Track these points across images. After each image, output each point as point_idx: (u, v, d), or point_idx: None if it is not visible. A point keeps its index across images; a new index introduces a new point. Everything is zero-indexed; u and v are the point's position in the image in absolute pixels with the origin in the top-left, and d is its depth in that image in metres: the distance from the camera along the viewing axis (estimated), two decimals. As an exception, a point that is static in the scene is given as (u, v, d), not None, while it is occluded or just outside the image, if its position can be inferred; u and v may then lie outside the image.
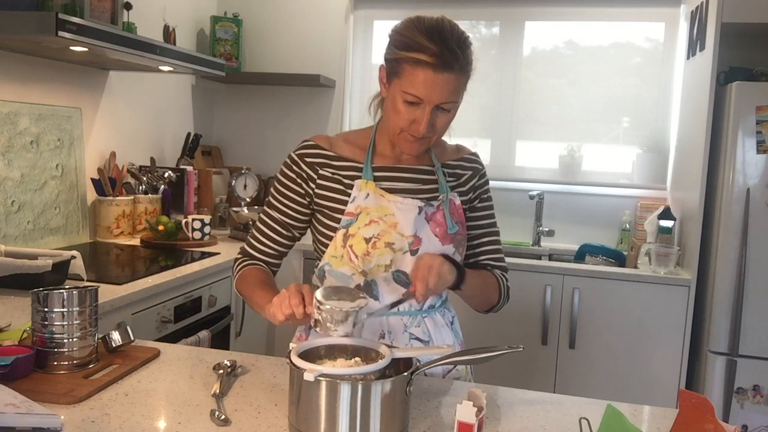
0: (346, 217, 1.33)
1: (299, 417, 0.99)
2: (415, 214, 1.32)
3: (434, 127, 1.28)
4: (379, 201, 1.33)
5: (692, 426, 0.90)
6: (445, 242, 1.34)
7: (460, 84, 1.26)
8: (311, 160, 1.37)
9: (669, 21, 3.21)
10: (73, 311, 1.20)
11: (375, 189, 1.34)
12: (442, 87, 1.23)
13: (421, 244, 1.32)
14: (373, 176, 1.36)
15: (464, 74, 1.27)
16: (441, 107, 1.26)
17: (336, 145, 1.40)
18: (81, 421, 1.03)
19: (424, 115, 1.25)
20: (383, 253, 1.31)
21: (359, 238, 1.31)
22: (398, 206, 1.33)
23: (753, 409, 2.59)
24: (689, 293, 2.68)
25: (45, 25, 1.87)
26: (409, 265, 1.30)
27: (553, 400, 1.22)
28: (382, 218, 1.31)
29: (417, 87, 1.23)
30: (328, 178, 1.36)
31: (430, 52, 1.22)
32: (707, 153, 2.64)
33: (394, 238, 1.31)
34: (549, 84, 3.41)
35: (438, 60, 1.22)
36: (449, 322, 1.45)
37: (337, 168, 1.37)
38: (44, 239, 2.43)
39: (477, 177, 1.46)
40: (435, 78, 1.22)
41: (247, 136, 3.68)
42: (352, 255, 1.32)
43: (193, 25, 3.44)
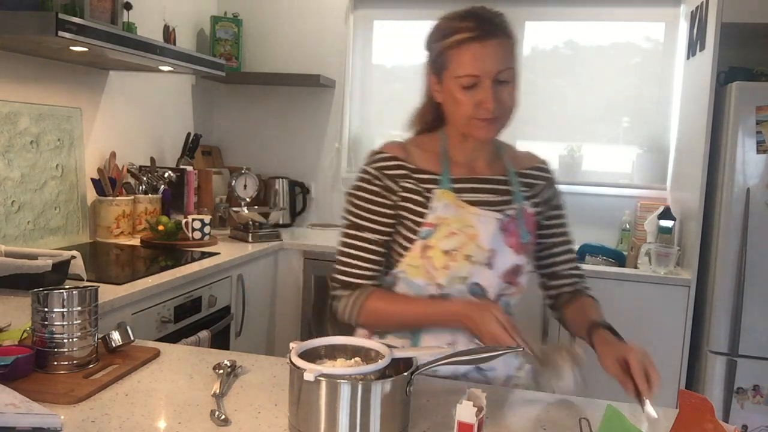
0: (426, 228, 1.30)
1: (299, 417, 0.99)
2: (494, 226, 1.30)
3: (501, 102, 1.24)
4: (458, 212, 1.30)
5: (692, 426, 0.90)
6: (519, 252, 1.33)
7: (508, 49, 1.24)
8: (391, 172, 1.33)
9: (669, 21, 3.21)
10: (73, 311, 1.20)
11: (454, 199, 1.31)
12: (492, 55, 1.22)
13: (496, 256, 1.30)
14: (453, 187, 1.32)
15: (509, 38, 1.25)
16: (499, 80, 1.23)
17: (410, 153, 1.35)
18: (81, 421, 1.03)
19: (487, 91, 1.22)
20: (462, 265, 1.29)
21: (438, 250, 1.28)
22: (479, 218, 1.30)
23: (753, 409, 2.59)
24: (689, 293, 2.68)
25: (45, 25, 1.87)
26: (486, 278, 1.30)
27: (553, 400, 1.22)
28: (461, 230, 1.29)
29: (468, 65, 1.22)
30: (410, 190, 1.32)
31: (467, 28, 1.22)
32: (707, 153, 2.64)
33: (472, 250, 1.29)
34: (549, 84, 3.41)
35: (478, 31, 1.21)
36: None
37: (418, 180, 1.33)
38: (44, 239, 2.43)
39: (551, 188, 1.44)
40: (482, 48, 1.21)
41: (247, 136, 3.68)
42: (430, 267, 1.29)
43: (193, 25, 3.44)
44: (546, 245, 1.44)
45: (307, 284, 2.99)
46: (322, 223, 3.58)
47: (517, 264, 1.34)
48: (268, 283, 2.95)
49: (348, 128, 3.59)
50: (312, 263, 2.98)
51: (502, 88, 1.24)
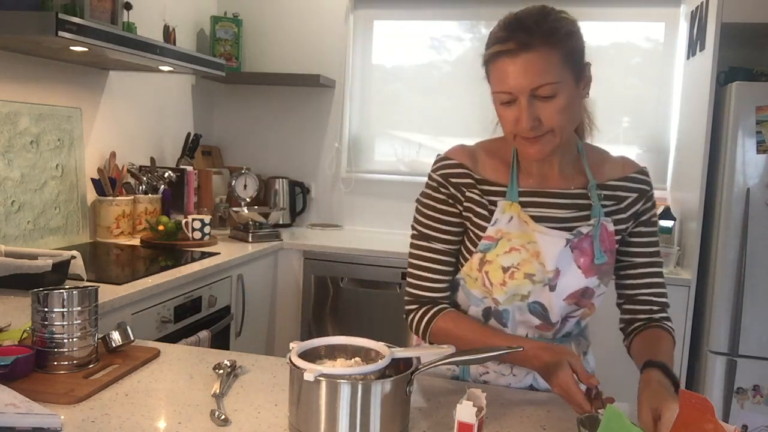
0: (486, 242, 1.23)
1: (299, 417, 0.99)
2: (561, 247, 1.20)
3: (540, 120, 1.12)
4: (522, 227, 1.21)
5: (692, 426, 0.90)
6: (589, 274, 1.21)
7: (551, 63, 1.10)
8: (457, 180, 1.25)
9: (669, 21, 3.21)
10: (73, 311, 1.20)
11: (520, 213, 1.22)
12: (524, 71, 1.10)
13: (560, 276, 1.21)
14: (521, 201, 1.23)
15: (552, 48, 1.10)
16: (538, 95, 1.11)
17: (479, 161, 1.27)
18: (81, 421, 1.03)
19: (522, 109, 1.12)
20: (521, 283, 1.21)
21: (497, 265, 1.21)
22: (543, 237, 1.20)
23: (753, 409, 2.59)
24: (689, 293, 2.68)
25: (45, 25, 1.87)
26: (548, 299, 1.21)
27: (553, 400, 1.22)
28: (524, 246, 1.20)
29: (502, 82, 1.13)
30: (475, 202, 1.25)
31: (503, 39, 1.12)
32: (707, 153, 2.64)
33: (535, 268, 1.20)
34: (549, 84, 3.41)
35: (512, 44, 1.10)
36: (583, 352, 1.34)
37: (483, 192, 1.25)
38: (44, 239, 2.43)
39: (643, 200, 1.28)
40: (514, 64, 1.10)
41: (247, 136, 3.68)
42: (486, 281, 1.23)
43: (193, 25, 3.44)
44: (625, 264, 1.30)
45: (307, 284, 2.99)
46: (322, 223, 3.58)
47: (586, 287, 1.23)
48: (268, 283, 2.95)
49: (348, 128, 3.59)
50: (312, 263, 2.98)
51: (542, 103, 1.12)
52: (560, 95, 1.12)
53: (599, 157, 1.31)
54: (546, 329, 1.26)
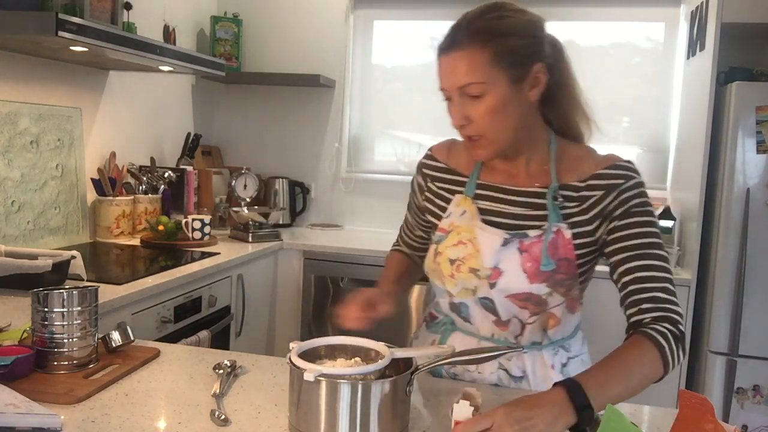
0: (439, 233, 1.27)
1: (299, 417, 0.99)
2: (497, 245, 1.19)
3: (469, 119, 1.12)
4: (470, 221, 1.23)
5: (692, 426, 0.90)
6: (535, 280, 1.16)
7: (474, 64, 1.09)
8: (426, 171, 1.35)
9: (669, 21, 3.21)
10: (73, 311, 1.20)
11: (471, 207, 1.24)
12: (452, 69, 1.12)
13: (501, 277, 1.18)
14: (475, 193, 1.25)
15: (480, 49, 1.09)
16: (467, 93, 1.11)
17: (454, 153, 1.32)
18: (81, 421, 1.03)
19: (454, 107, 1.14)
20: (467, 277, 1.22)
21: (445, 257, 1.24)
22: (482, 233, 1.21)
23: (753, 409, 2.59)
24: (689, 293, 2.68)
25: (45, 25, 1.87)
26: (493, 295, 1.20)
27: (553, 400, 1.21)
28: (470, 240, 1.22)
29: (439, 78, 1.15)
30: (435, 194, 1.32)
31: (444, 36, 1.16)
32: (707, 153, 2.64)
33: (479, 264, 1.20)
34: (549, 84, 3.41)
35: (446, 41, 1.14)
36: (561, 364, 1.28)
37: (445, 181, 1.31)
38: (44, 239, 2.43)
39: (612, 195, 1.17)
40: (445, 62, 1.13)
41: (247, 136, 3.68)
42: (440, 272, 1.26)
43: (193, 25, 3.44)
44: (612, 265, 1.21)
45: (307, 284, 2.99)
46: (322, 223, 3.58)
47: (531, 292, 1.18)
48: (268, 283, 2.95)
49: (348, 128, 3.58)
50: (312, 263, 2.98)
51: (471, 102, 1.12)
52: (489, 95, 1.10)
53: (575, 157, 1.25)
54: (502, 327, 1.25)
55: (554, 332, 1.26)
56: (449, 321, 1.33)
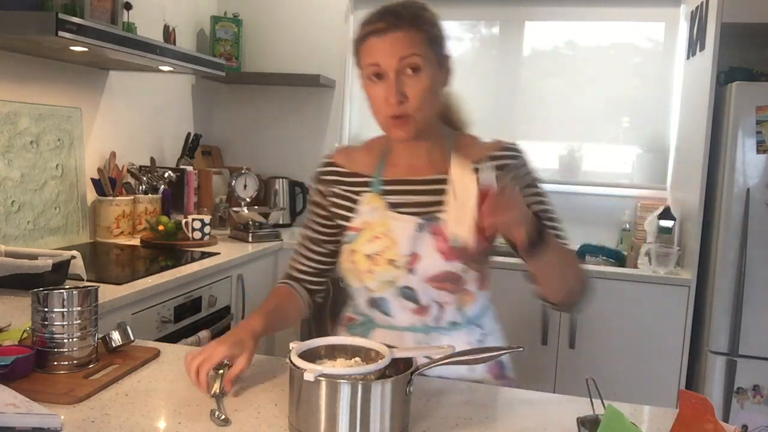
0: (351, 233, 1.32)
1: (299, 417, 0.99)
2: (411, 231, 1.27)
3: (406, 95, 1.21)
4: (383, 216, 1.30)
5: (692, 426, 0.90)
6: (450, 258, 1.26)
7: (415, 41, 1.21)
8: (326, 177, 1.40)
9: (669, 21, 3.21)
10: (73, 311, 1.20)
11: (380, 202, 1.31)
12: (392, 45, 1.20)
13: (419, 261, 1.27)
14: (382, 189, 1.32)
15: (418, 31, 1.21)
16: (407, 72, 1.20)
17: (354, 157, 1.39)
18: (81, 421, 1.03)
19: (390, 84, 1.21)
20: (385, 269, 1.28)
21: (361, 254, 1.30)
22: (395, 222, 1.29)
23: (753, 409, 2.59)
24: (689, 293, 2.68)
25: (45, 25, 1.87)
26: (413, 282, 1.27)
27: (553, 400, 1.22)
28: (385, 233, 1.28)
29: (371, 54, 1.22)
30: (340, 195, 1.37)
31: (373, 20, 1.23)
32: (707, 153, 2.64)
33: (395, 254, 1.27)
34: (549, 84, 3.41)
35: (382, 23, 1.21)
36: (477, 341, 1.36)
37: (349, 184, 1.36)
38: (44, 239, 2.43)
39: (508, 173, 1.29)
40: (383, 40, 1.21)
41: (247, 136, 3.67)
42: (357, 271, 1.31)
43: (193, 25, 3.44)
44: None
45: (307, 284, 2.99)
46: (322, 223, 3.58)
47: (448, 271, 1.26)
48: (268, 283, 2.95)
49: (348, 128, 3.59)
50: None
51: (410, 79, 1.21)
52: (424, 72, 1.21)
53: (468, 143, 1.36)
54: (422, 314, 1.30)
55: (470, 310, 1.34)
56: (368, 320, 1.37)
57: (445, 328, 1.32)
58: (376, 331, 1.35)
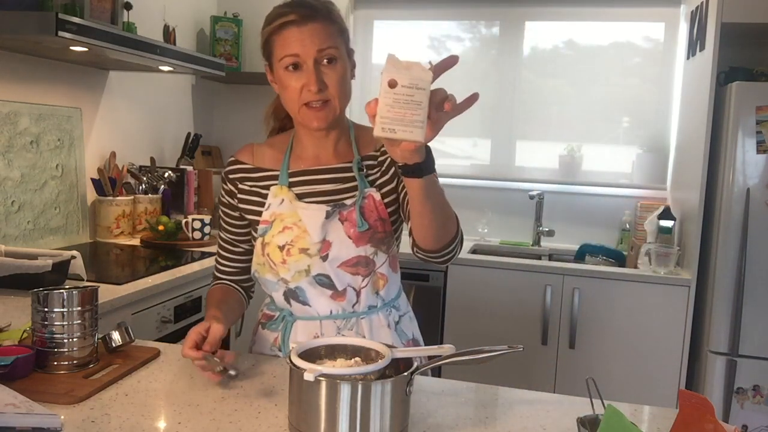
0: (262, 226, 1.35)
1: (299, 417, 0.99)
2: (321, 218, 1.30)
3: (325, 83, 1.25)
4: (291, 207, 1.33)
5: (692, 426, 0.90)
6: (360, 243, 1.31)
7: (331, 32, 1.26)
8: (233, 176, 1.41)
9: (669, 21, 3.21)
10: (73, 311, 1.20)
11: (288, 194, 1.34)
12: (312, 36, 1.24)
13: (330, 248, 1.31)
14: (289, 182, 1.35)
15: (332, 23, 1.27)
16: (324, 62, 1.25)
17: (259, 154, 1.42)
18: (81, 421, 1.03)
19: (309, 72, 1.24)
20: (299, 259, 1.31)
21: (274, 246, 1.32)
22: (305, 212, 1.32)
23: (753, 409, 2.59)
24: (689, 293, 2.68)
25: (45, 25, 1.87)
26: (327, 269, 1.31)
27: (553, 400, 1.22)
28: (295, 224, 1.31)
29: (289, 46, 1.24)
30: (247, 192, 1.39)
31: (287, 12, 1.25)
32: (707, 153, 2.64)
33: (307, 243, 1.31)
34: (549, 84, 3.41)
35: (296, 15, 1.24)
36: (394, 322, 1.41)
37: (256, 179, 1.39)
38: (44, 239, 2.43)
39: None
40: (301, 31, 1.24)
41: (247, 136, 3.64)
42: (271, 263, 1.33)
43: (193, 25, 3.44)
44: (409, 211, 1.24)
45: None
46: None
47: (360, 255, 1.31)
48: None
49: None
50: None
51: (328, 69, 1.25)
52: (340, 62, 1.27)
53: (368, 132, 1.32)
54: (339, 299, 1.33)
55: (385, 293, 1.38)
56: (287, 312, 1.39)
57: (364, 312, 1.36)
58: (297, 324, 1.37)
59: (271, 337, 1.41)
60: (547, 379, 2.84)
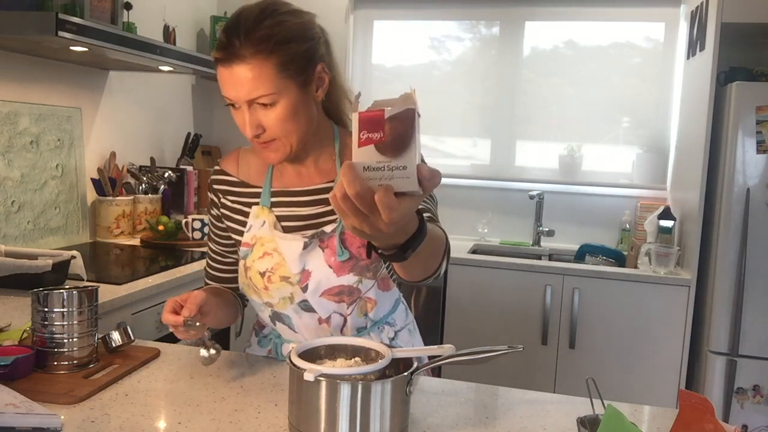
0: (244, 248, 1.28)
1: (299, 417, 0.99)
2: (299, 250, 1.21)
3: (263, 127, 1.13)
4: (270, 233, 1.24)
5: (692, 426, 0.90)
6: (342, 272, 1.21)
7: (262, 76, 1.08)
8: (217, 186, 1.34)
9: (669, 21, 3.21)
10: (73, 311, 1.20)
11: (269, 217, 1.25)
12: (239, 82, 1.09)
13: (310, 278, 1.22)
14: (271, 201, 1.26)
15: (264, 58, 1.08)
16: (258, 103, 1.11)
17: (244, 163, 1.31)
18: (81, 421, 1.03)
19: (243, 116, 1.13)
20: (280, 286, 1.24)
21: (255, 271, 1.25)
22: (282, 242, 1.22)
23: (753, 409, 2.59)
24: (689, 293, 2.68)
25: (45, 25, 1.87)
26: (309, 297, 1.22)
27: (553, 400, 1.22)
28: (275, 250, 1.23)
29: (222, 86, 1.12)
30: (230, 208, 1.32)
31: (221, 45, 1.10)
32: (707, 153, 2.64)
33: (288, 271, 1.22)
34: (549, 84, 3.41)
35: (224, 53, 1.09)
36: (389, 339, 1.34)
37: (239, 195, 1.30)
38: (44, 239, 2.43)
39: None
40: (229, 73, 1.09)
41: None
42: (254, 287, 1.27)
43: (193, 25, 3.44)
44: None
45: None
46: (322, 223, 3.58)
47: (342, 284, 1.21)
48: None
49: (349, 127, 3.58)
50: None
51: (265, 111, 1.12)
52: (280, 104, 1.11)
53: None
54: (326, 324, 1.27)
55: (374, 314, 1.30)
56: (275, 334, 1.36)
57: (353, 335, 1.29)
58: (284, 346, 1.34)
59: (265, 349, 1.40)
60: (547, 379, 2.84)
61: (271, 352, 1.39)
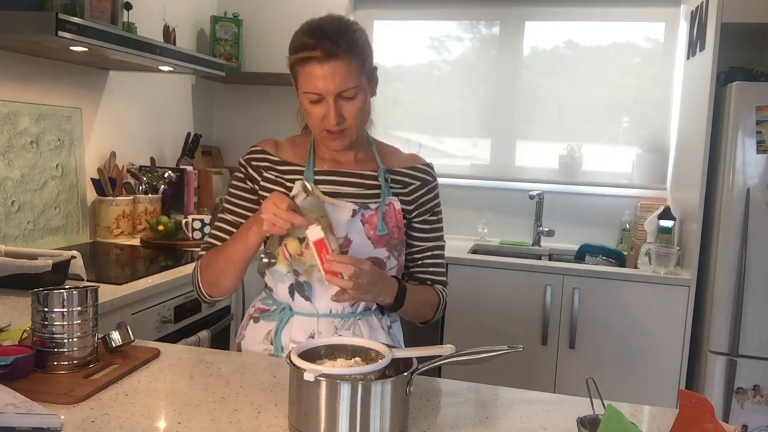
0: None
1: (299, 417, 0.99)
2: (348, 216, 1.35)
3: (344, 117, 1.31)
4: (316, 202, 1.36)
5: (692, 426, 0.90)
6: (378, 245, 1.37)
7: (353, 69, 1.29)
8: (256, 163, 1.43)
9: (669, 21, 3.21)
10: (73, 311, 1.20)
11: (314, 188, 1.37)
12: (332, 76, 1.27)
13: (351, 245, 1.35)
14: (314, 179, 1.39)
15: (353, 57, 1.29)
16: (343, 96, 1.29)
17: (282, 149, 1.45)
18: (81, 421, 1.03)
19: (329, 108, 1.29)
20: None
21: (293, 237, 1.35)
22: (334, 208, 1.36)
23: (753, 409, 2.59)
24: (689, 293, 2.68)
25: (45, 25, 1.87)
26: None
27: (553, 400, 1.22)
28: (318, 219, 1.32)
29: (311, 83, 1.28)
30: (272, 181, 1.41)
31: (310, 46, 1.27)
32: (707, 153, 2.64)
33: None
34: (549, 84, 3.41)
35: (320, 52, 1.26)
36: (387, 326, 1.45)
37: (281, 172, 1.42)
38: (44, 239, 2.43)
39: (425, 189, 1.46)
40: (322, 69, 1.27)
41: (247, 136, 3.66)
42: (286, 253, 1.36)
43: (193, 25, 3.44)
44: (414, 245, 1.46)
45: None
46: (322, 223, 3.57)
47: (376, 257, 1.36)
48: (268, 283, 2.95)
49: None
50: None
51: (347, 103, 1.30)
52: (359, 96, 1.32)
53: (390, 150, 1.50)
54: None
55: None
56: (285, 307, 1.41)
57: (361, 312, 1.40)
58: (294, 318, 1.39)
59: (265, 329, 1.42)
60: (547, 379, 2.84)
61: (270, 333, 1.40)
